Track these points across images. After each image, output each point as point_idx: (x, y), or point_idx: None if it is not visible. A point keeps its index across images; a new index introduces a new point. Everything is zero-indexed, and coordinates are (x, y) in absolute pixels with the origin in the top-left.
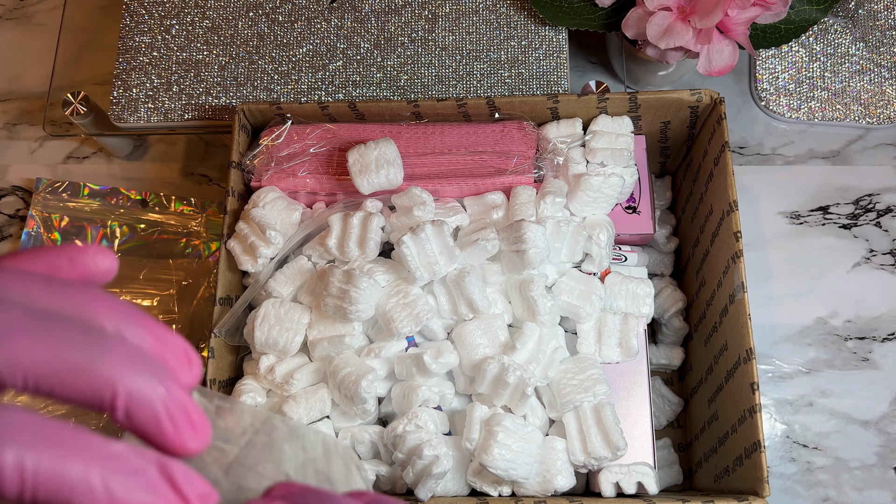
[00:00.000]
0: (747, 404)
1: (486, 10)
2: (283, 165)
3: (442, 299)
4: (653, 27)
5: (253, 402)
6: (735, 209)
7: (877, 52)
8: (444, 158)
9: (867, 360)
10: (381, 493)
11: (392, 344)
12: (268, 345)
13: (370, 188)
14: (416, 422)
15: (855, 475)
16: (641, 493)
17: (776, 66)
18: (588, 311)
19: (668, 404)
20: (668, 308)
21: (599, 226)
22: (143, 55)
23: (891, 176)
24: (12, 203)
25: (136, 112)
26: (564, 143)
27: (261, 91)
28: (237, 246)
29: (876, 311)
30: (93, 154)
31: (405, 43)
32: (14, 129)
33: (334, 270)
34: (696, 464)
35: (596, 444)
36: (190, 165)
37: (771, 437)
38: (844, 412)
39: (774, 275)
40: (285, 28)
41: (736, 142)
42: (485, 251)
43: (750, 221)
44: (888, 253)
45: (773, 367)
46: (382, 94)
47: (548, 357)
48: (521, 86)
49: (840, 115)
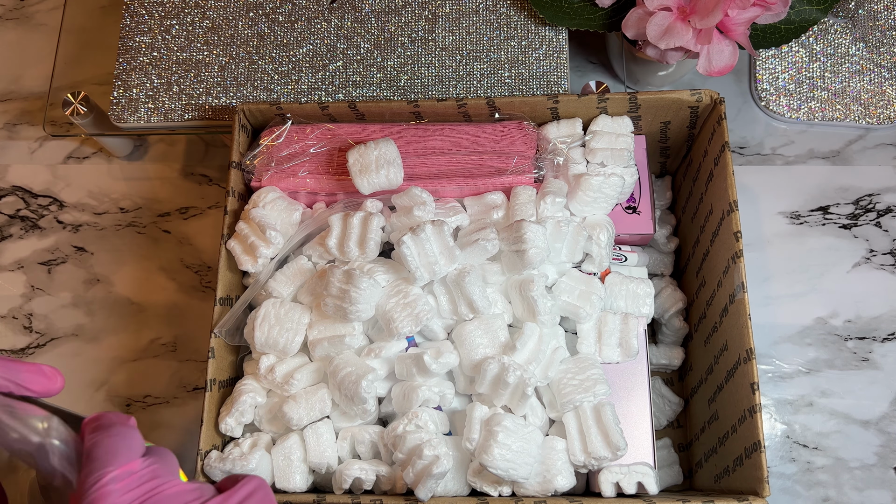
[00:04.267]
0: (747, 404)
1: (486, 11)
2: (284, 165)
3: (442, 299)
4: (653, 27)
5: (253, 402)
6: (735, 209)
7: (877, 52)
8: (444, 158)
9: (867, 360)
10: (382, 493)
11: (392, 344)
12: (268, 345)
13: (370, 188)
14: (416, 422)
15: (855, 475)
16: (641, 493)
17: (776, 66)
18: (588, 311)
19: (668, 404)
20: (668, 308)
21: (599, 226)
22: (143, 55)
23: (891, 176)
24: (12, 203)
25: (136, 112)
26: (564, 143)
27: (261, 91)
28: (237, 246)
29: (876, 311)
30: (93, 154)
31: (405, 43)
32: (14, 129)
33: (334, 270)
34: (696, 464)
35: (596, 444)
36: (190, 165)
37: (771, 437)
38: (844, 412)
39: (774, 275)
40: (285, 28)
41: (736, 142)
42: (485, 251)
43: (750, 221)
44: (888, 253)
45: (773, 367)
46: (382, 95)
47: (548, 357)
48: (521, 86)
49: (840, 115)
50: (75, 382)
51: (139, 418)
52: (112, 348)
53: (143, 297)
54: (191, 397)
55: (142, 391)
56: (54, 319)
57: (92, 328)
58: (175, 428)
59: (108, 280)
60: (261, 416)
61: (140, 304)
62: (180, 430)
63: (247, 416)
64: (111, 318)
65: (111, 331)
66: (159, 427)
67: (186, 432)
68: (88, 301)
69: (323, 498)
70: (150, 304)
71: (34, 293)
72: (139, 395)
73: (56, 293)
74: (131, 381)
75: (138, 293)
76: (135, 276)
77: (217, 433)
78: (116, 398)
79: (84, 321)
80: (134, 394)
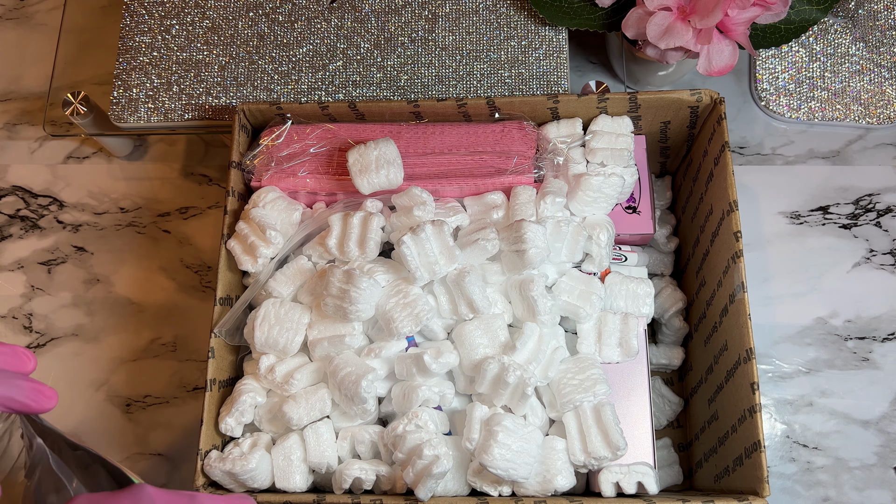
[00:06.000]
0: (747, 404)
1: (486, 10)
2: (283, 165)
3: (442, 299)
4: (653, 27)
5: (253, 402)
6: (735, 209)
7: (877, 52)
8: (444, 158)
9: (867, 360)
10: (382, 493)
11: (392, 344)
12: (268, 345)
13: (370, 188)
14: (416, 422)
15: (855, 475)
16: (641, 493)
17: (776, 66)
18: (588, 311)
19: (668, 404)
20: (668, 308)
21: (599, 226)
22: (143, 55)
23: (891, 176)
24: (12, 203)
25: (136, 112)
26: (564, 143)
27: (261, 91)
28: (237, 246)
29: (876, 311)
30: (93, 154)
31: (405, 43)
32: (14, 129)
33: (334, 270)
34: (696, 464)
35: (596, 444)
36: (190, 165)
37: (771, 437)
38: (844, 412)
39: (774, 275)
40: (285, 28)
41: (736, 142)
42: (485, 251)
43: (750, 221)
44: (888, 253)
45: (773, 367)
46: (382, 94)
47: (548, 357)
48: (521, 86)
49: (840, 115)
50: (75, 382)
51: (139, 418)
52: (112, 348)
53: (143, 297)
54: (191, 397)
55: (142, 391)
56: (54, 319)
57: (92, 328)
58: (175, 428)
59: (107, 280)
60: (261, 416)
61: (140, 304)
62: (180, 430)
63: (247, 415)
64: (111, 318)
65: (111, 331)
66: (159, 427)
67: (186, 432)
68: (88, 301)
69: (323, 498)
70: (150, 304)
71: (34, 293)
72: (139, 395)
73: (56, 293)
74: (131, 381)
75: (138, 293)
76: (135, 276)
77: (217, 433)
78: (116, 398)
79: (84, 321)
80: (134, 394)
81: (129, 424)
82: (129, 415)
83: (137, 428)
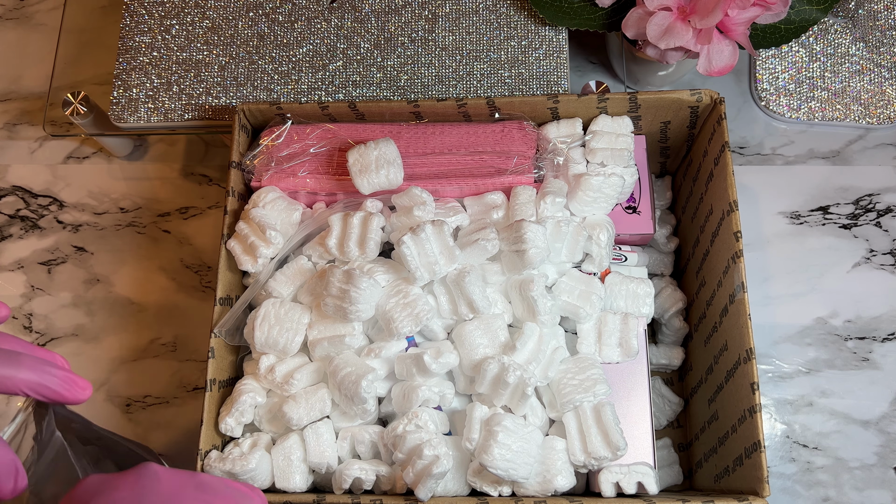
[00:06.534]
0: (747, 404)
1: (486, 10)
2: (283, 165)
3: (442, 299)
4: (653, 27)
5: (253, 402)
6: (735, 209)
7: (877, 52)
8: (444, 158)
9: (867, 360)
10: (382, 493)
11: (392, 344)
12: (268, 345)
13: (370, 188)
14: (416, 422)
15: (855, 475)
16: (641, 493)
17: (776, 66)
18: (588, 311)
19: (668, 404)
20: (668, 308)
21: (599, 226)
22: (143, 55)
23: (891, 176)
24: (12, 203)
25: (136, 112)
26: (564, 143)
27: (261, 91)
28: (237, 246)
29: (876, 311)
30: (93, 154)
31: (405, 43)
32: (14, 129)
33: (334, 270)
34: (696, 464)
35: (596, 444)
36: (190, 165)
37: (771, 437)
38: (844, 412)
39: (774, 275)
40: (285, 28)
41: (736, 142)
42: (485, 251)
43: (750, 221)
44: (888, 253)
45: (773, 367)
46: (382, 94)
47: (548, 357)
48: (521, 86)
49: (840, 115)
50: None
51: (139, 418)
52: (112, 348)
53: (143, 297)
54: (191, 397)
55: (142, 391)
56: (54, 319)
57: (92, 328)
58: (175, 428)
59: (108, 280)
60: (261, 416)
61: (140, 304)
62: (180, 430)
63: (247, 416)
64: (111, 318)
65: (111, 331)
66: (159, 427)
67: (186, 432)
68: (88, 301)
69: (323, 498)
70: (150, 304)
71: (34, 293)
72: (139, 395)
73: (56, 293)
74: (131, 381)
75: (138, 293)
76: (135, 276)
77: (217, 433)
78: (116, 398)
79: (84, 321)
80: (134, 394)
81: (129, 424)
82: (130, 415)
83: (137, 428)
